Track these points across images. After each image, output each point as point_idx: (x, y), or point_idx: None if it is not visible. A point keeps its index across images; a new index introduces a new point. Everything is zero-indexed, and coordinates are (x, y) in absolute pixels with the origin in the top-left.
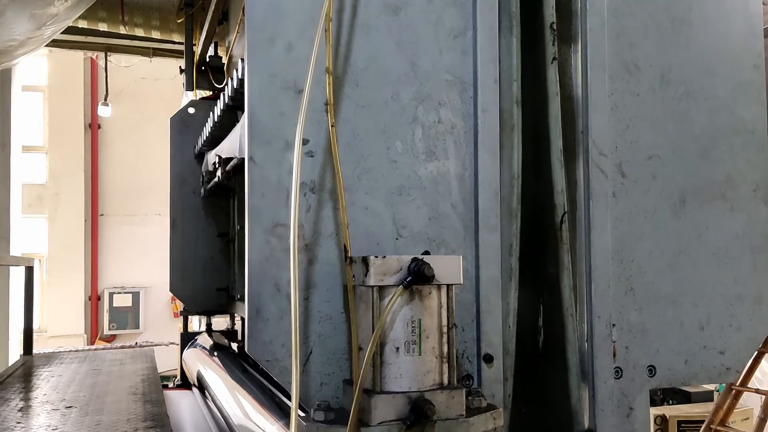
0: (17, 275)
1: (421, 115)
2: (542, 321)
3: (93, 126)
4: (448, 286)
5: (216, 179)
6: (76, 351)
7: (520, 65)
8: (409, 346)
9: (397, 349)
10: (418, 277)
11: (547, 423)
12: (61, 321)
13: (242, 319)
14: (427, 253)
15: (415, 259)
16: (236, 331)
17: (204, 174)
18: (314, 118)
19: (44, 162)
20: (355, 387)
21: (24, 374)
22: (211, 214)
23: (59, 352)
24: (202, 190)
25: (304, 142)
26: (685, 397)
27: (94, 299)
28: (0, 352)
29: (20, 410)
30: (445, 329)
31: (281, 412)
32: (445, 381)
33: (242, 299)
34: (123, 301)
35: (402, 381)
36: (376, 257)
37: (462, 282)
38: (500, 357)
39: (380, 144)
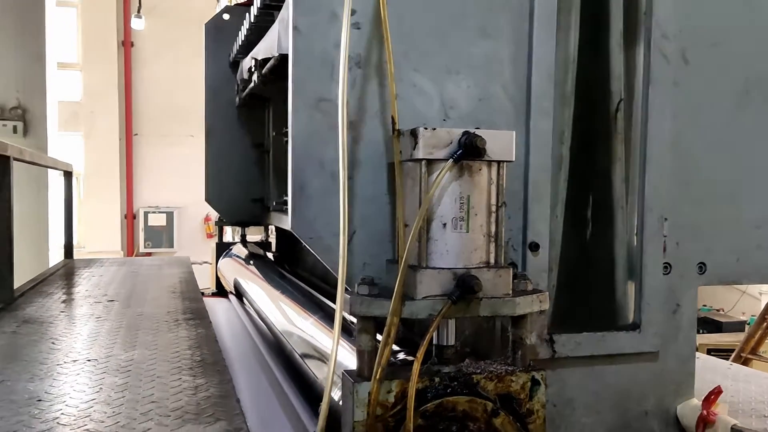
0: (54, 190)
1: None
2: (590, 213)
3: (126, 43)
4: (499, 162)
5: (252, 84)
6: (115, 259)
7: None
8: (457, 222)
9: (444, 225)
10: (469, 150)
11: (591, 315)
12: (98, 238)
13: (277, 230)
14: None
15: (466, 132)
16: (270, 242)
17: (239, 82)
18: None
19: (79, 79)
20: (400, 262)
21: (66, 274)
22: (245, 124)
23: (99, 258)
24: (237, 99)
25: (351, 12)
26: (717, 327)
27: (129, 217)
28: (41, 260)
29: (63, 302)
30: (494, 208)
31: (320, 311)
32: (492, 260)
33: (277, 209)
34: (157, 220)
35: (448, 257)
36: (426, 129)
37: (514, 159)
38: (546, 246)
39: (430, 18)
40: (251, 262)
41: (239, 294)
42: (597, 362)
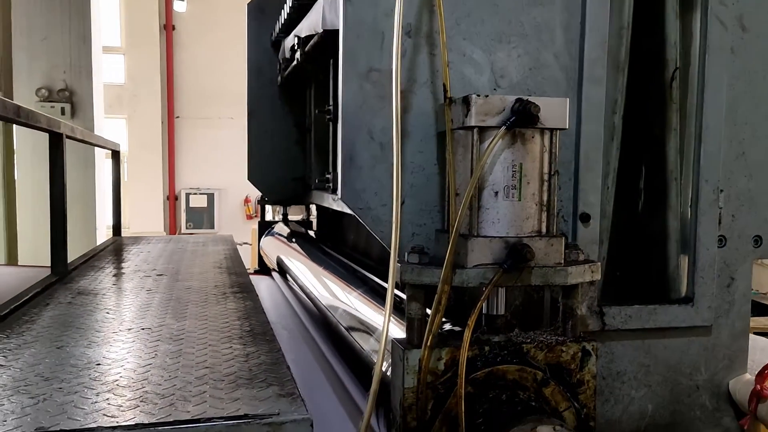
0: (100, 171)
1: None
2: (643, 184)
3: (168, 27)
4: (553, 130)
5: (294, 62)
6: (162, 236)
7: None
8: (509, 190)
9: (496, 193)
10: (522, 117)
11: (642, 288)
12: (141, 219)
13: (318, 208)
14: None
15: (519, 99)
16: (311, 221)
17: (281, 61)
18: None
19: (122, 63)
20: (452, 230)
21: (115, 250)
22: (287, 104)
23: (145, 236)
24: (279, 79)
25: None
26: (762, 311)
27: (171, 199)
28: (89, 239)
29: (114, 276)
30: (546, 176)
31: (364, 285)
32: (544, 230)
33: (318, 187)
34: (198, 201)
35: (499, 226)
36: (478, 96)
37: (567, 126)
38: (597, 218)
39: None
40: (293, 240)
41: (282, 271)
42: (648, 335)
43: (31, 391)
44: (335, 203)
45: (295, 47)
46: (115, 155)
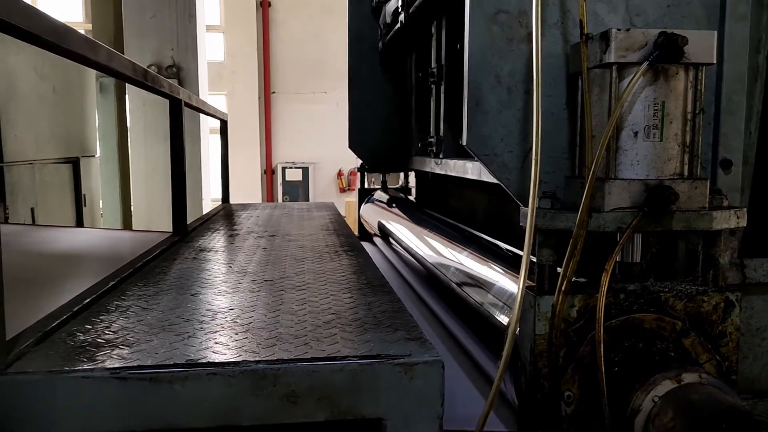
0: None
1: None
2: None
3: (264, 4)
4: (698, 66)
5: (397, 26)
6: (267, 203)
7: None
8: (650, 130)
9: (636, 134)
10: (667, 50)
11: None
12: (241, 192)
13: (417, 175)
14: None
15: (663, 32)
16: (410, 188)
17: (381, 27)
18: None
19: (221, 41)
20: (588, 173)
21: (226, 215)
22: (387, 71)
23: (252, 203)
24: (379, 45)
25: None
26: None
27: (269, 172)
28: (196, 210)
29: (230, 236)
30: (690, 115)
31: (473, 243)
32: (686, 172)
33: (419, 153)
34: (294, 175)
35: (639, 168)
36: (619, 30)
37: (714, 60)
38: (739, 164)
39: None
40: (393, 205)
41: (384, 235)
42: None
43: (176, 330)
44: (437, 167)
45: (399, 10)
46: (224, 125)
